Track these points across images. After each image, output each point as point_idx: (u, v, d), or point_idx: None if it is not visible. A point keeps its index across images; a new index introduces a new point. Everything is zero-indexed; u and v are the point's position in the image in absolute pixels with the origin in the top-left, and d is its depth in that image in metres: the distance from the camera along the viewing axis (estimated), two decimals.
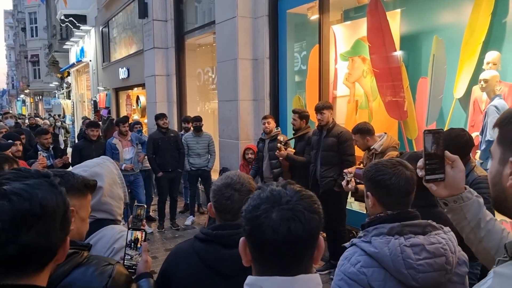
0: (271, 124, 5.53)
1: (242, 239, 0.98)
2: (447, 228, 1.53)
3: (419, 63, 4.73)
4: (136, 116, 12.91)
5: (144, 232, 1.64)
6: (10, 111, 16.31)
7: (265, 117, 5.62)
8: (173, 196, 6.99)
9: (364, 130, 4.23)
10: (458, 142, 2.81)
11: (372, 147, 4.15)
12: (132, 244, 1.61)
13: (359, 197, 4.25)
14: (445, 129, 4.40)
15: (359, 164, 4.45)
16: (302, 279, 0.91)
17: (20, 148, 4.40)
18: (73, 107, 23.08)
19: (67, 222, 0.95)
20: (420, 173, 1.29)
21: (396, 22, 4.90)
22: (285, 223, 0.89)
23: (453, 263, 1.46)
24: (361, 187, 3.55)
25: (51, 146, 5.83)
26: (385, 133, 4.30)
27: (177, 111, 9.51)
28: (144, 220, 1.78)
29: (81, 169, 1.79)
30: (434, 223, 1.52)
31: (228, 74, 6.66)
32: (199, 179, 7.26)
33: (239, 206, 1.60)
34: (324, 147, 4.72)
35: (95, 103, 16.75)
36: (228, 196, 1.59)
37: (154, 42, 9.44)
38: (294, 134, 5.45)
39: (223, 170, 6.93)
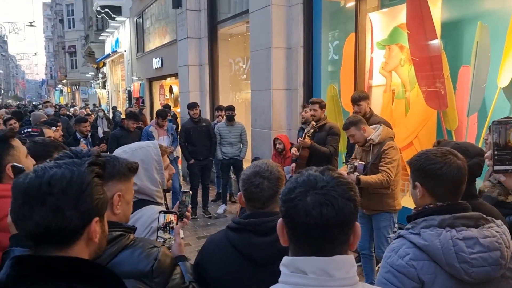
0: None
1: (280, 219, 1.01)
2: (499, 221, 1.46)
3: (461, 51, 4.54)
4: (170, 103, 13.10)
5: (176, 215, 1.65)
6: (49, 101, 16.84)
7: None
8: (204, 184, 7.07)
9: (356, 121, 3.88)
10: None
11: (368, 138, 3.85)
12: (165, 227, 1.63)
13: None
14: (487, 120, 4.23)
15: (354, 159, 4.19)
16: (338, 259, 0.93)
17: (60, 133, 4.53)
18: (108, 97, 23.65)
19: (85, 202, 0.94)
20: (488, 163, 1.27)
21: (437, 8, 4.72)
22: (317, 207, 0.91)
23: (507, 258, 1.39)
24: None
25: (89, 134, 5.99)
26: (380, 124, 4.05)
27: (209, 100, 9.57)
28: (190, 206, 1.80)
29: (122, 151, 1.82)
30: (485, 216, 1.46)
31: (261, 63, 6.63)
32: (231, 168, 7.30)
33: (268, 194, 1.61)
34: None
35: (129, 93, 17.09)
36: (257, 184, 1.59)
37: (187, 32, 9.50)
38: (314, 125, 5.33)
39: (255, 160, 6.92)
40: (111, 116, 16.05)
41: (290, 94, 6.51)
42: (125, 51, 18.14)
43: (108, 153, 6.34)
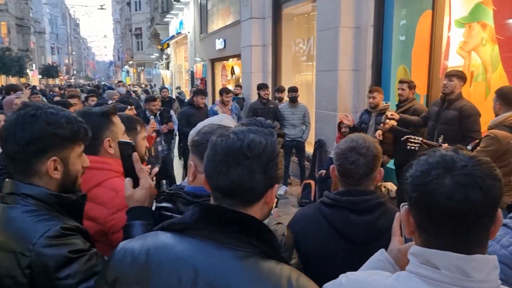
0: (377, 98, 5.26)
1: (404, 208, 0.94)
2: None
3: None
4: (230, 86, 13.24)
5: (276, 199, 1.64)
6: (122, 81, 17.70)
7: (370, 91, 5.38)
8: None
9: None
10: None
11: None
12: None
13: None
14: None
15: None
16: (478, 259, 0.83)
17: (134, 112, 4.72)
18: (172, 77, 24.37)
19: (272, 169, 1.01)
20: None
21: None
22: (461, 189, 0.81)
23: None
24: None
25: (158, 113, 6.18)
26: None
27: (271, 81, 9.52)
28: None
29: (208, 124, 1.84)
30: None
31: (328, 43, 6.45)
32: (293, 150, 7.25)
33: (363, 171, 1.54)
34: (444, 120, 4.30)
35: (192, 74, 17.47)
36: (353, 160, 1.53)
37: (251, 12, 9.46)
38: (398, 105, 5.15)
39: (318, 142, 6.84)
40: (174, 96, 16.54)
41: (357, 75, 6.29)
42: (188, 32, 18.49)
43: (176, 130, 6.57)
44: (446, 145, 3.56)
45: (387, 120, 4.82)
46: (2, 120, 4.80)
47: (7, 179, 1.37)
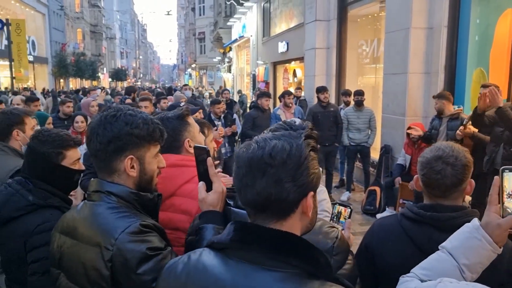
0: (438, 105, 5.05)
1: None
2: None
3: None
4: (291, 89, 13.22)
5: (350, 209, 1.60)
6: (188, 84, 18.28)
7: (434, 97, 5.14)
8: (328, 170, 6.97)
9: None
10: None
11: None
12: (335, 217, 1.60)
13: None
14: None
15: None
16: None
17: (201, 115, 4.84)
18: (233, 80, 24.77)
19: (302, 175, 0.94)
20: None
21: None
22: None
23: None
24: None
25: (223, 115, 6.29)
26: None
27: (335, 84, 9.37)
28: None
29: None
30: None
31: (397, 45, 6.21)
32: (358, 155, 7.06)
33: (451, 182, 1.43)
34: None
35: (254, 77, 17.64)
36: (439, 170, 1.44)
37: (316, 15, 9.37)
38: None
39: (384, 148, 6.61)
40: (236, 99, 16.80)
41: (429, 78, 6.00)
42: (251, 35, 18.72)
43: (239, 131, 6.66)
44: None
45: (469, 124, 4.51)
46: (79, 121, 5.12)
47: (92, 178, 1.46)
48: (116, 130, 1.35)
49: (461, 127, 4.59)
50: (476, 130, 4.58)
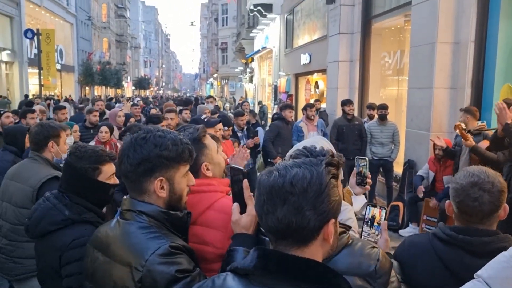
0: (462, 118, 4.96)
1: None
2: None
3: None
4: (311, 101, 13.20)
5: (384, 210, 1.60)
6: (212, 96, 18.41)
7: (465, 111, 5.05)
8: None
9: None
10: None
11: None
12: (369, 221, 1.58)
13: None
14: None
15: None
16: None
17: (230, 132, 4.87)
18: (255, 91, 24.88)
19: (323, 203, 0.95)
20: None
21: None
22: None
23: None
24: None
25: (245, 127, 6.33)
26: None
27: (358, 97, 9.31)
28: (368, 173, 1.92)
29: (310, 145, 1.85)
30: None
31: (423, 59, 6.15)
32: (381, 169, 6.99)
33: (489, 209, 1.42)
34: None
35: (275, 88, 17.69)
36: (476, 197, 1.42)
37: (339, 28, 9.38)
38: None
39: (408, 163, 6.52)
40: (257, 110, 16.85)
41: (455, 93, 5.92)
42: (273, 47, 18.81)
43: (261, 143, 6.68)
44: None
45: (469, 134, 4.36)
46: (104, 132, 5.18)
47: (125, 197, 1.50)
48: (146, 152, 1.38)
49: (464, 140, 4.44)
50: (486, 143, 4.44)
